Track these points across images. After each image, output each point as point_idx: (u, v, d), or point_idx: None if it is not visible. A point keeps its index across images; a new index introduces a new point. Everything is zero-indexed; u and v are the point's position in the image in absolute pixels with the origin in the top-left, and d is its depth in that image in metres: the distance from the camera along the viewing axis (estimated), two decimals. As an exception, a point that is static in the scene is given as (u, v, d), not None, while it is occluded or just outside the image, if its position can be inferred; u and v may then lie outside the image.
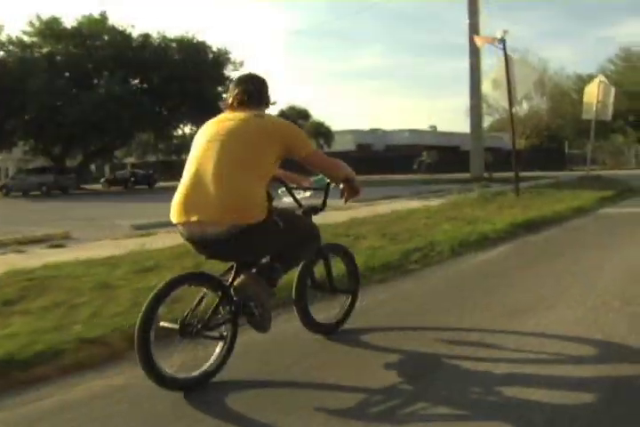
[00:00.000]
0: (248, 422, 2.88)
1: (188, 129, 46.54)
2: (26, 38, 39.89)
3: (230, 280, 3.44)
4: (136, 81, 42.14)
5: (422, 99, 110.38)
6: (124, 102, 35.83)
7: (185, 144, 47.19)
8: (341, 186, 3.71)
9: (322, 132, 51.28)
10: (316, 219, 3.95)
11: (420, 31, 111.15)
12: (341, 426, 2.80)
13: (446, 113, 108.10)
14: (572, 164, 42.59)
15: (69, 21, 40.46)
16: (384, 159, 45.70)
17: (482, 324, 4.24)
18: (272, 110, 3.99)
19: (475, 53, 25.50)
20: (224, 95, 43.70)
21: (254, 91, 3.60)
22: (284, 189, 3.90)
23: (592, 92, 20.09)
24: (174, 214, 3.35)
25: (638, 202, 14.14)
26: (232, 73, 43.64)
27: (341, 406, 2.98)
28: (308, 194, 4.02)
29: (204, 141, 3.42)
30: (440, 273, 6.27)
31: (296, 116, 49.32)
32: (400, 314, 4.67)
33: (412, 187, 22.31)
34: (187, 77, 38.87)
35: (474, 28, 24.76)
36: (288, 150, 3.43)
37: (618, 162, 44.28)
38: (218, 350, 3.38)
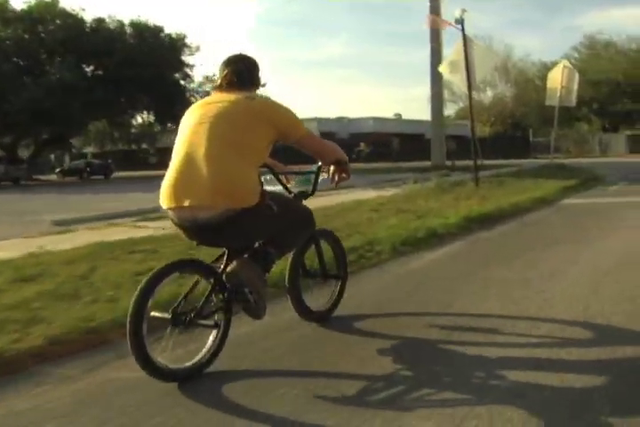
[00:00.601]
0: (244, 411, 2.74)
1: (145, 116, 45.25)
2: (-29, 22, 38.00)
3: (222, 267, 3.33)
4: (90, 67, 40.50)
5: (390, 88, 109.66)
6: (76, 89, 34.29)
7: (145, 133, 45.97)
8: (332, 169, 3.66)
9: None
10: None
11: (388, 20, 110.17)
12: (341, 414, 2.63)
13: (414, 102, 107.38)
14: (536, 152, 42.41)
15: (18, 4, 38.79)
16: (348, 147, 44.84)
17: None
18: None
19: (435, 39, 24.69)
20: (182, 82, 42.61)
21: (245, 71, 3.46)
22: (269, 176, 3.73)
23: (556, 78, 19.36)
24: (164, 199, 3.20)
25: (603, 191, 13.66)
26: (189, 58, 42.57)
27: (340, 395, 2.84)
28: (292, 183, 3.91)
29: (191, 124, 3.28)
30: (372, 279, 5.37)
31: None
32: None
33: (370, 176, 21.46)
34: (143, 63, 37.34)
35: (435, 11, 23.85)
36: (280, 134, 3.31)
37: (582, 150, 44.24)
38: (212, 338, 3.29)
